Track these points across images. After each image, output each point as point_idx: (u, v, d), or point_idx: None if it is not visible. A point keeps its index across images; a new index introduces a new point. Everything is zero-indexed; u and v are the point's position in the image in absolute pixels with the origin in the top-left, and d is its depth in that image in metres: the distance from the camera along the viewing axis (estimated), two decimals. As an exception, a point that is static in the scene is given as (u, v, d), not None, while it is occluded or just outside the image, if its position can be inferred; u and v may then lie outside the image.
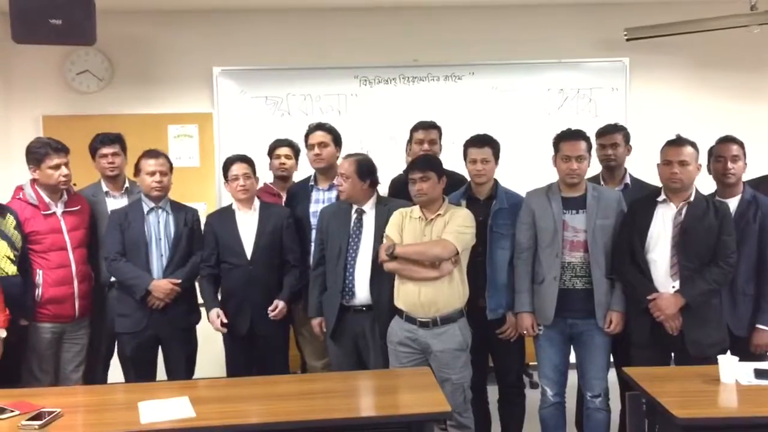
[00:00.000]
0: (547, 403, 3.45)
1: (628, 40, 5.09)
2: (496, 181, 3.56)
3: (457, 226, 3.23)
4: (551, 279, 3.31)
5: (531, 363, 4.18)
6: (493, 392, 3.70)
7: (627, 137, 3.87)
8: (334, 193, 3.83)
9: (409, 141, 4.10)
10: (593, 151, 3.52)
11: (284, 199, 4.11)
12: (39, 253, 3.52)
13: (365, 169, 3.50)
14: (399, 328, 3.31)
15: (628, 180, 3.79)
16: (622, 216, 3.34)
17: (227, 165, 3.70)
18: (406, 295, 3.27)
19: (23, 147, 3.67)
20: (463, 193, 3.57)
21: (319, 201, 3.85)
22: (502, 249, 3.43)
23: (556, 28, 5.37)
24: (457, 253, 3.21)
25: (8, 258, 3.34)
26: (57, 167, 3.55)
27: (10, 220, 3.41)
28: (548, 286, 3.32)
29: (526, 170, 4.52)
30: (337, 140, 3.89)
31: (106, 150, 3.87)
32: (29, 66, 5.13)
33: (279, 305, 3.64)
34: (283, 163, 4.31)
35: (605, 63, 5.36)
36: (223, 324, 3.62)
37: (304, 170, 4.33)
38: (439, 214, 3.29)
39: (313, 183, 3.92)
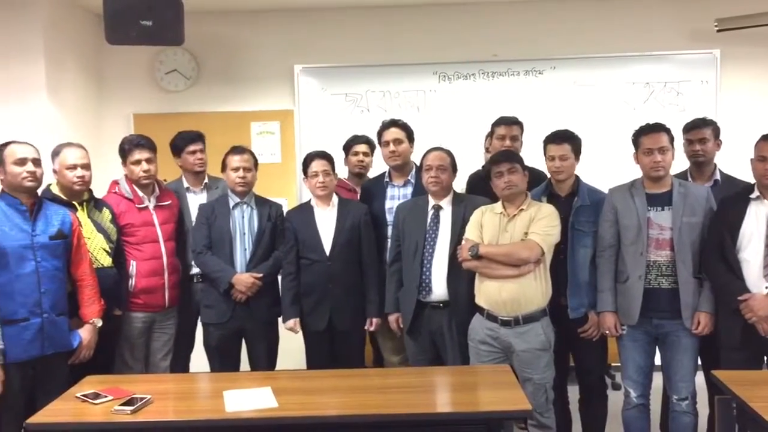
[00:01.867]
0: (630, 404, 3.36)
1: (719, 30, 4.89)
2: (577, 177, 3.49)
3: (543, 226, 3.18)
4: (636, 278, 3.22)
5: (612, 363, 4.08)
6: (573, 392, 3.63)
7: (716, 132, 3.72)
8: (409, 189, 3.84)
9: (489, 135, 4.07)
10: (681, 147, 3.41)
11: (358, 195, 4.15)
12: (133, 244, 3.65)
13: (455, 161, 3.55)
14: (480, 326, 3.29)
15: (717, 176, 3.64)
16: (711, 213, 3.22)
17: (307, 161, 3.75)
18: (487, 292, 3.24)
19: (115, 144, 3.84)
20: (544, 190, 3.52)
21: (395, 197, 3.86)
22: (583, 247, 3.36)
23: (642, 19, 5.21)
24: (543, 254, 3.17)
25: (104, 250, 3.48)
26: (138, 163, 3.67)
27: (106, 214, 3.55)
28: (632, 285, 3.24)
29: (609, 167, 4.40)
30: (410, 136, 3.89)
31: (193, 147, 4.00)
32: (121, 66, 5.34)
33: (374, 322, 3.70)
34: (362, 160, 4.34)
35: (694, 55, 5.16)
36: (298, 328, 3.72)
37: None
38: (521, 209, 3.25)
39: (387, 179, 3.93)
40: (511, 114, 4.04)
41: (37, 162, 3.15)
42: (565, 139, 3.44)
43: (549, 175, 3.53)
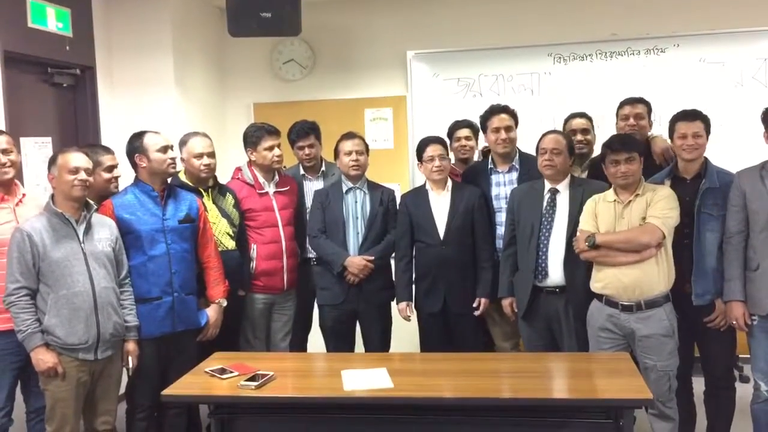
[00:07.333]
0: (760, 398, 3.17)
1: None
2: (706, 159, 3.32)
3: (662, 208, 3.07)
4: (767, 266, 3.04)
5: (740, 355, 3.88)
6: (698, 384, 3.48)
7: None
8: (514, 175, 3.79)
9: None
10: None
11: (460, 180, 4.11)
12: (254, 228, 3.81)
13: (571, 144, 3.50)
14: (599, 313, 3.22)
15: None
16: None
17: (422, 146, 3.75)
18: (606, 278, 3.16)
19: (237, 132, 4.01)
20: (668, 173, 3.37)
21: (500, 183, 3.82)
22: (710, 231, 3.20)
23: (774, -11, 4.87)
24: (664, 238, 3.06)
25: (228, 234, 3.65)
26: (271, 148, 3.81)
27: (230, 200, 3.72)
28: (764, 274, 3.05)
29: (739, 150, 4.16)
30: (517, 122, 3.83)
31: (302, 143, 4.06)
32: (241, 57, 5.54)
33: (482, 302, 3.69)
34: (464, 145, 4.30)
35: (834, 27, 4.78)
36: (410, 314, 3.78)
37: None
38: (637, 195, 3.15)
39: (491, 166, 3.88)
40: (631, 95, 3.90)
41: (173, 149, 3.37)
42: (696, 117, 3.28)
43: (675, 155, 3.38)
